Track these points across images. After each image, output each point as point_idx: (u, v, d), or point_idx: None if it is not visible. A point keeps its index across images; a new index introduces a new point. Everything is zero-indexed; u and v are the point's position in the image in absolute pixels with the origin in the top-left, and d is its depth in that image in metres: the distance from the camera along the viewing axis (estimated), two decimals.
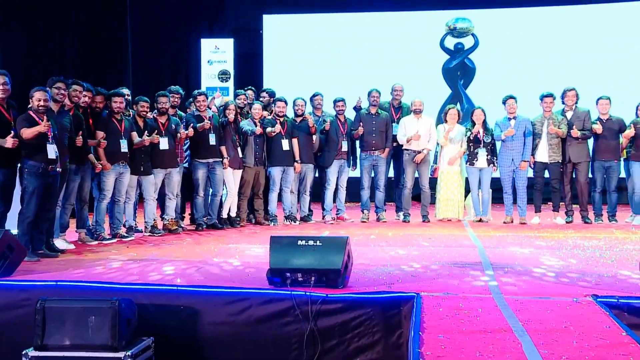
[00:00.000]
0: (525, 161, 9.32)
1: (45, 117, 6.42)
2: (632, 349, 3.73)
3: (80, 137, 7.04)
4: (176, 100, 8.82)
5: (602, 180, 9.35)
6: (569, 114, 9.31)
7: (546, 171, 9.43)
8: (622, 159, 9.36)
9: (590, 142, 9.37)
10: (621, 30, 12.85)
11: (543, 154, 9.32)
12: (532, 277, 5.56)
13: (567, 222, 9.31)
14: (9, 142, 6.23)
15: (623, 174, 9.47)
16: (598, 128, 9.14)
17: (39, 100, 6.42)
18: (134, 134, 7.98)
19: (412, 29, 13.29)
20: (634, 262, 5.31)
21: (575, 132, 9.12)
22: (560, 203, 9.53)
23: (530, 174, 9.51)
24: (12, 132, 6.30)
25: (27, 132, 6.28)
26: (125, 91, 8.33)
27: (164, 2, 13.62)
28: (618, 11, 12.92)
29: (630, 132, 9.08)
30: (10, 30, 10.64)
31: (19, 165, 6.56)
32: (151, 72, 13.47)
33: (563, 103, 9.40)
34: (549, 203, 9.74)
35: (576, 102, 9.35)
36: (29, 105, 6.50)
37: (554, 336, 3.93)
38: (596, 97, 9.41)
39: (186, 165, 8.88)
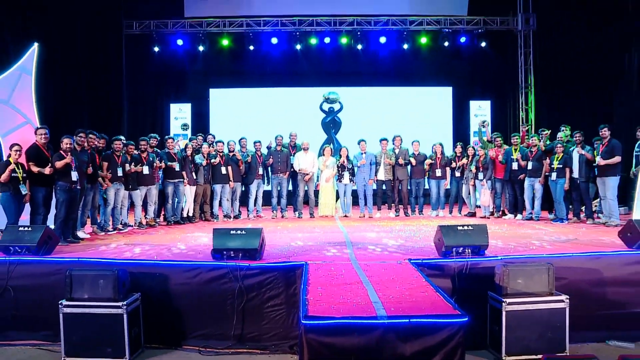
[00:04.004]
0: (371, 179, 9.54)
1: (70, 154, 6.45)
2: (427, 289, 4.01)
3: (91, 168, 6.99)
4: (154, 141, 8.65)
5: (415, 190, 9.71)
6: (397, 151, 9.63)
7: (384, 185, 9.68)
8: (426, 177, 9.77)
9: (409, 167, 9.69)
10: (425, 100, 13.44)
11: (382, 175, 9.60)
12: (375, 249, 5.73)
13: (395, 216, 9.62)
14: (47, 170, 6.30)
15: (427, 186, 9.86)
16: (413, 160, 9.55)
17: (66, 144, 6.49)
18: (126, 164, 7.82)
19: (303, 98, 13.35)
20: (431, 238, 5.59)
21: (401, 161, 9.49)
22: (392, 204, 9.84)
23: (375, 187, 9.76)
24: (49, 164, 6.33)
25: (59, 164, 6.33)
26: (122, 138, 8.10)
27: (148, 80, 13.22)
28: (424, 91, 13.53)
29: (428, 161, 9.58)
30: (47, 94, 9.88)
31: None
32: (139, 123, 12.97)
33: (393, 144, 9.71)
34: (385, 204, 10.00)
35: (401, 143, 9.70)
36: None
37: (386, 284, 4.12)
38: (412, 140, 9.78)
39: (160, 183, 8.67)
